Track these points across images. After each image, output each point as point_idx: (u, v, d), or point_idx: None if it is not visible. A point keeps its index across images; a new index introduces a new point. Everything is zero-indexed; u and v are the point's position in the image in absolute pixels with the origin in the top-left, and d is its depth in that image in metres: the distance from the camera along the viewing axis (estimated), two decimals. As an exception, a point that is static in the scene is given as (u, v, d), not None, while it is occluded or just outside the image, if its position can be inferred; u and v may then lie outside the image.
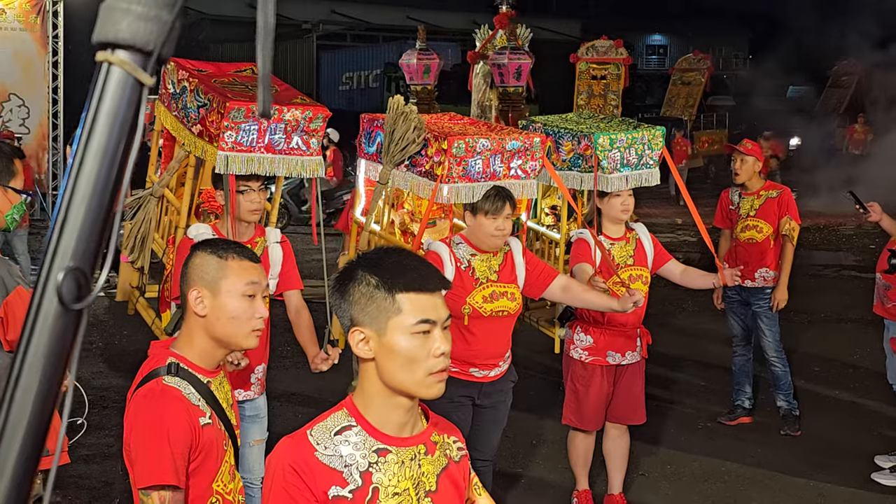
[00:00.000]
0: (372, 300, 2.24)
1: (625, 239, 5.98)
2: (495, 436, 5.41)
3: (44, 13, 17.82)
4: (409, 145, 5.95)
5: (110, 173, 0.89)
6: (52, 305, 0.87)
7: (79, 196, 0.88)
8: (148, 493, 2.80)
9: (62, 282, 0.86)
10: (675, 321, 10.87)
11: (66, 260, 0.87)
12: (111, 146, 0.89)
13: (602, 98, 15.79)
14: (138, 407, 2.89)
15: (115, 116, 0.89)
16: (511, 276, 5.23)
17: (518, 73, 13.80)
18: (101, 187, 0.88)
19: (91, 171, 0.88)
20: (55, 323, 0.87)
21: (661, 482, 6.81)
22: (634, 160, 6.33)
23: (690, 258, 13.63)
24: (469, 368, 5.15)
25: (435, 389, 2.29)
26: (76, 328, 0.89)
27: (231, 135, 5.37)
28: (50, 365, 0.88)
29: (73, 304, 0.87)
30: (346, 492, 2.23)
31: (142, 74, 0.89)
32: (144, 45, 0.89)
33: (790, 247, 7.52)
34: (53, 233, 0.88)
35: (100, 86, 0.90)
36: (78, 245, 0.87)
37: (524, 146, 5.94)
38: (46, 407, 0.89)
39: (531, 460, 7.09)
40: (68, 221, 0.87)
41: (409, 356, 2.23)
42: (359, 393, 2.33)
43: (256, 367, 5.10)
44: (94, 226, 0.88)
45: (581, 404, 5.98)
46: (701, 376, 9.24)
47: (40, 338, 0.87)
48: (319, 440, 2.26)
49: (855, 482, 6.79)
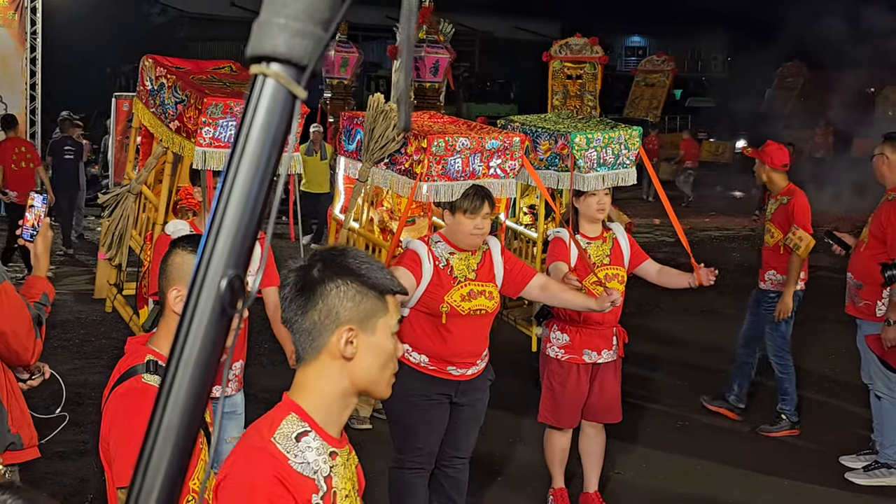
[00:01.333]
0: (366, 299, 2.24)
1: (601, 238, 6.00)
2: (472, 434, 5.42)
3: (22, 10, 17.72)
4: (388, 143, 5.96)
5: (262, 183, 0.92)
6: (209, 310, 0.91)
7: (233, 205, 0.91)
8: (125, 492, 2.79)
9: (225, 289, 0.90)
10: (651, 321, 10.92)
11: (222, 266, 0.90)
12: (263, 157, 0.92)
13: (579, 98, 15.20)
14: (118, 406, 2.88)
15: (269, 128, 0.92)
16: (489, 274, 5.24)
17: (435, 68, 13.41)
18: (254, 196, 0.91)
19: (244, 180, 0.91)
20: (212, 326, 0.91)
21: (637, 481, 6.84)
22: (611, 160, 6.36)
23: (668, 259, 13.69)
24: (446, 367, 5.16)
25: (390, 389, 2.35)
26: (228, 330, 0.93)
27: (209, 130, 5.37)
28: (205, 365, 0.92)
29: (232, 308, 0.92)
30: (319, 498, 2.21)
31: (296, 87, 0.92)
32: (300, 59, 0.91)
33: (794, 257, 7.41)
34: (209, 240, 0.91)
35: (255, 98, 0.92)
36: (232, 252, 0.91)
37: (504, 145, 5.96)
38: (200, 405, 0.93)
39: (508, 458, 7.11)
40: (223, 229, 0.91)
41: (390, 355, 2.29)
42: (306, 393, 2.28)
43: (234, 363, 5.10)
44: (247, 233, 0.91)
45: (557, 402, 6.00)
46: (677, 375, 9.29)
47: (196, 340, 0.91)
48: (287, 448, 2.20)
49: (830, 481, 6.84)
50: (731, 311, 11.96)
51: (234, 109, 5.37)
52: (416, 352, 5.16)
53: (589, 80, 15.16)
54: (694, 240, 7.73)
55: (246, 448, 2.23)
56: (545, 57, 15.59)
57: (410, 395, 5.15)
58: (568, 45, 15.49)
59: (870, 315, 6.81)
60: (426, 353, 5.15)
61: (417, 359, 5.16)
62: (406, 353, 5.18)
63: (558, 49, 15.53)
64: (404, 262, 5.08)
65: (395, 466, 5.33)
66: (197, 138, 5.37)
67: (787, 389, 7.75)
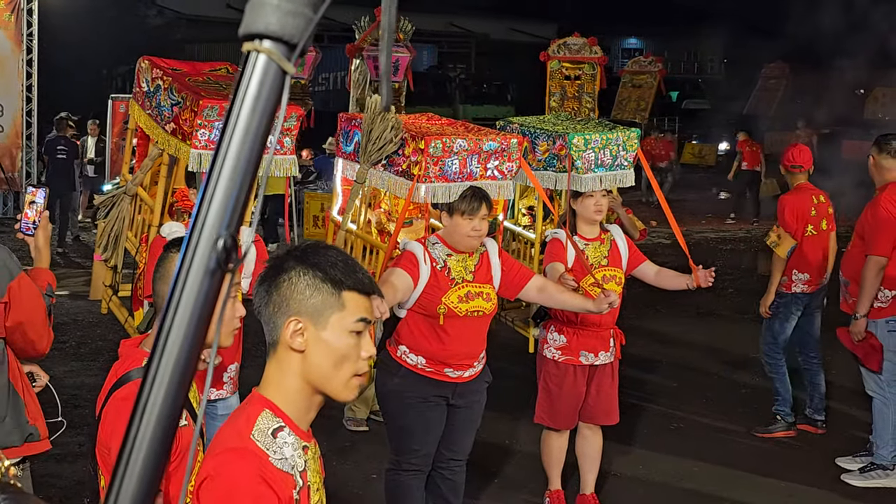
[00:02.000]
0: (318, 293, 2.23)
1: (599, 240, 6.00)
2: (469, 436, 5.41)
3: (18, 11, 17.71)
4: (386, 145, 5.95)
5: (253, 149, 0.98)
6: (203, 267, 0.96)
7: (226, 171, 0.97)
8: None
9: (221, 246, 0.96)
10: (648, 323, 10.91)
11: (216, 227, 0.96)
12: (253, 126, 0.98)
13: (577, 100, 14.64)
14: (119, 411, 2.85)
15: (259, 100, 0.98)
16: (487, 276, 5.24)
17: (395, 68, 13.05)
18: (245, 164, 0.98)
19: (236, 149, 0.97)
20: (206, 282, 0.97)
21: (634, 482, 6.83)
22: (609, 161, 6.36)
23: (665, 261, 13.69)
24: (444, 368, 5.15)
25: (353, 393, 2.31)
26: (219, 289, 0.99)
27: (204, 133, 5.36)
28: (198, 320, 0.98)
29: (226, 265, 0.97)
30: (296, 493, 2.22)
31: (286, 64, 0.98)
32: (291, 38, 0.97)
33: (774, 257, 7.57)
34: (202, 205, 0.97)
35: (248, 73, 0.98)
36: (226, 214, 0.97)
37: (501, 147, 5.95)
38: (192, 358, 0.98)
39: (504, 460, 7.10)
40: (217, 193, 0.97)
41: (343, 354, 2.24)
42: (274, 387, 2.27)
43: (229, 366, 5.09)
44: (239, 198, 0.97)
45: (554, 404, 5.99)
46: (673, 377, 9.29)
47: (189, 296, 0.97)
48: (267, 445, 2.20)
49: (827, 483, 6.84)
50: (728, 312, 12.00)
51: (230, 111, 5.37)
52: (414, 353, 5.15)
53: (588, 82, 14.61)
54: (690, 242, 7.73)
55: (226, 448, 2.22)
56: (543, 56, 15.06)
57: (407, 396, 5.15)
58: (566, 44, 14.99)
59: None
60: (423, 355, 5.14)
61: (415, 360, 5.15)
62: (403, 354, 5.17)
63: (556, 49, 15.01)
64: (401, 263, 5.08)
65: (392, 468, 5.32)
66: (192, 140, 5.36)
67: (777, 390, 7.75)
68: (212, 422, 4.89)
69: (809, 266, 7.48)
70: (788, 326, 7.65)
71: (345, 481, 6.31)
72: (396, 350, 5.20)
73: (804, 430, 7.75)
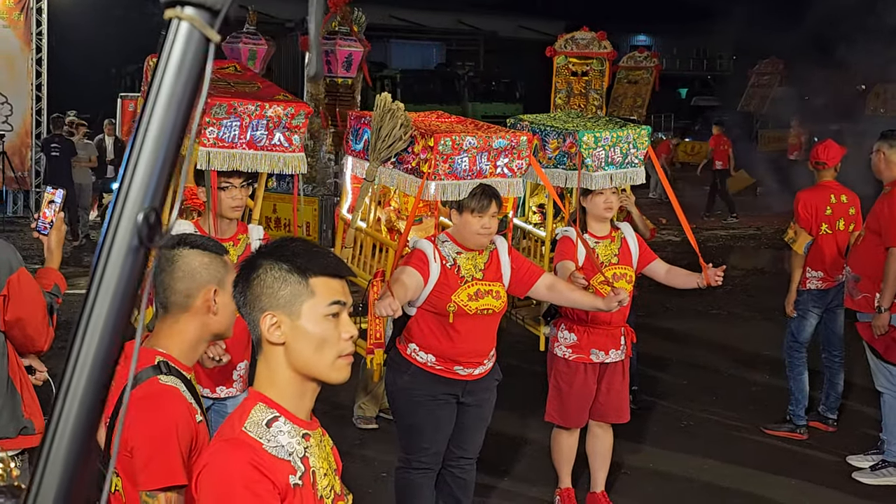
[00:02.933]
0: (286, 284, 2.28)
1: (609, 238, 5.99)
2: (479, 434, 5.40)
3: (27, 11, 17.75)
4: (395, 142, 5.93)
5: (177, 120, 0.94)
6: (126, 243, 0.93)
7: (149, 142, 0.93)
8: (154, 495, 2.78)
9: (142, 222, 0.93)
10: (658, 321, 10.89)
11: (139, 202, 0.93)
12: (177, 95, 0.94)
13: (584, 97, 13.90)
14: (139, 409, 2.84)
15: (182, 68, 0.95)
16: (496, 274, 5.23)
17: (348, 63, 12.44)
18: (169, 134, 0.94)
19: (160, 118, 0.94)
20: (129, 259, 0.94)
21: (644, 480, 6.82)
22: (619, 159, 6.33)
23: (675, 258, 13.66)
24: (453, 366, 5.14)
25: (343, 373, 2.34)
26: (144, 266, 0.95)
27: (213, 131, 5.34)
28: (122, 299, 0.95)
29: (149, 242, 0.94)
30: (297, 479, 2.26)
31: (209, 31, 0.95)
32: (213, 4, 0.94)
33: (792, 253, 7.60)
34: (125, 177, 0.93)
35: (169, 41, 0.95)
36: (149, 188, 0.93)
37: (511, 144, 5.93)
38: (117, 336, 0.95)
39: (515, 458, 7.09)
40: (139, 165, 0.93)
41: (322, 338, 2.28)
42: (267, 383, 2.33)
43: (239, 363, 5.08)
44: (163, 169, 0.94)
45: (564, 402, 5.98)
46: (684, 376, 9.27)
47: (113, 273, 0.94)
48: (259, 435, 2.26)
49: (837, 481, 6.82)
50: (739, 310, 11.97)
51: (237, 109, 5.34)
52: (423, 351, 5.15)
53: (595, 78, 13.81)
54: (699, 239, 7.70)
55: (221, 440, 2.29)
56: (549, 52, 14.31)
57: (417, 394, 5.14)
58: (574, 39, 14.22)
59: (868, 308, 6.84)
60: (433, 353, 5.13)
61: (424, 358, 5.14)
62: (413, 352, 5.17)
63: (564, 44, 14.24)
64: (412, 261, 5.07)
65: (402, 466, 5.32)
66: (200, 138, 5.35)
67: (791, 390, 7.72)
68: (221, 419, 4.88)
69: (823, 263, 7.45)
70: (807, 324, 7.62)
71: (354, 480, 6.31)
72: (406, 348, 5.20)
73: (815, 427, 7.72)
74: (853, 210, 7.52)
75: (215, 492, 2.22)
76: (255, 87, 5.93)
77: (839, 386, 7.78)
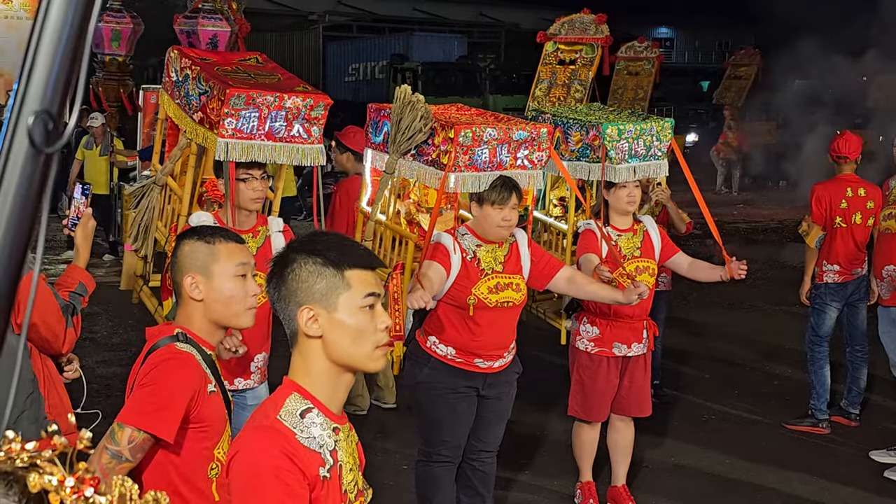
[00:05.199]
0: (321, 278, 2.30)
1: (632, 231, 5.96)
2: (500, 427, 5.38)
3: (49, 2, 17.82)
4: (415, 134, 5.92)
5: (75, 18, 0.89)
6: (22, 149, 0.89)
7: (45, 41, 0.89)
8: (123, 427, 2.89)
9: (32, 125, 0.88)
10: (680, 314, 10.84)
11: (34, 104, 0.88)
12: None
13: (565, 88, 11.84)
14: (151, 364, 2.98)
15: None
16: (516, 267, 5.20)
17: (213, 44, 11.12)
18: (67, 32, 0.89)
19: (57, 16, 0.89)
20: (25, 166, 0.90)
21: (665, 474, 6.79)
22: (643, 151, 6.30)
23: (697, 251, 13.60)
24: (474, 359, 5.13)
25: (380, 363, 2.39)
26: (46, 172, 0.91)
27: (231, 122, 5.33)
28: (21, 207, 0.91)
29: (44, 146, 0.89)
30: (325, 471, 2.29)
31: None
32: None
33: (805, 246, 7.61)
34: (21, 79, 0.89)
35: None
36: (46, 89, 0.88)
37: (531, 136, 5.91)
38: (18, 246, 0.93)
39: (535, 451, 7.07)
40: (36, 67, 0.88)
41: (359, 330, 2.31)
42: (302, 374, 2.36)
43: (257, 355, 5.08)
44: (61, 70, 0.89)
45: (587, 396, 5.95)
46: (706, 369, 9.23)
47: (10, 181, 0.90)
48: (293, 424, 2.28)
49: (859, 476, 6.77)
50: (761, 303, 11.91)
51: (256, 100, 5.33)
52: (444, 344, 5.13)
53: (582, 67, 11.90)
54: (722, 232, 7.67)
55: (253, 427, 2.33)
56: (540, 37, 12.49)
57: (437, 387, 5.13)
58: (572, 22, 12.51)
59: None
60: (453, 346, 5.11)
61: (444, 351, 5.12)
62: (433, 345, 5.15)
63: (559, 28, 12.52)
64: (436, 256, 5.06)
65: (423, 459, 5.30)
66: (220, 129, 5.34)
67: (812, 383, 7.67)
68: (241, 411, 4.86)
69: (838, 257, 7.39)
70: (827, 318, 7.56)
71: (375, 472, 6.30)
72: (426, 341, 5.18)
73: (837, 422, 7.67)
74: (871, 203, 7.42)
75: (246, 478, 2.25)
76: (276, 79, 5.92)
77: (861, 381, 7.71)
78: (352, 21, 44.66)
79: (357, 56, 40.68)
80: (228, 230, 3.24)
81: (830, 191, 7.43)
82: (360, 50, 40.86)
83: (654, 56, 18.27)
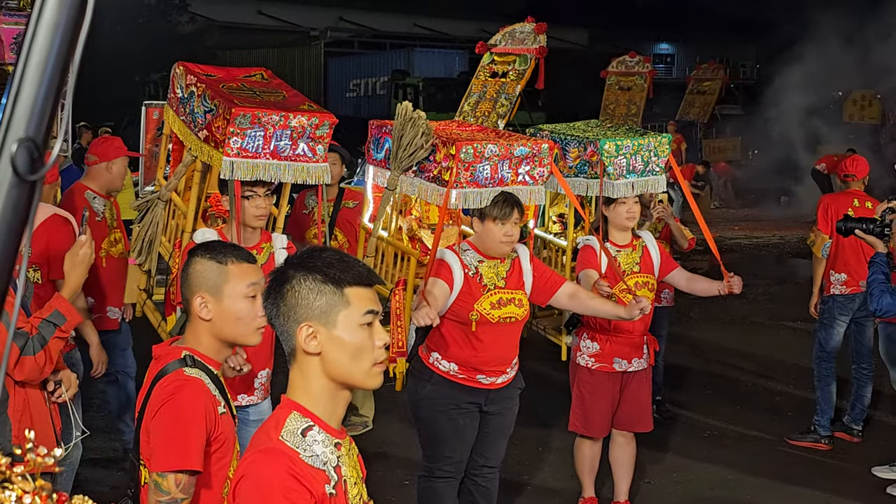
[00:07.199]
0: (321, 295, 2.30)
1: (631, 246, 5.98)
2: (502, 443, 5.40)
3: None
4: (417, 151, 5.95)
5: (61, 49, 0.90)
6: (6, 177, 0.89)
7: (31, 71, 0.89)
8: (164, 475, 2.89)
9: (16, 153, 0.88)
10: (682, 330, 10.85)
11: (19, 132, 0.88)
12: (62, 22, 0.90)
13: (492, 102, 11.26)
14: (162, 395, 2.98)
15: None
16: (518, 282, 5.23)
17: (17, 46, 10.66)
18: (53, 62, 0.89)
19: (42, 46, 0.89)
20: (9, 194, 0.89)
21: (667, 490, 6.79)
22: (640, 167, 6.33)
23: (696, 266, 13.61)
24: (476, 375, 5.14)
25: (378, 380, 2.38)
26: (30, 200, 0.91)
27: (236, 140, 5.36)
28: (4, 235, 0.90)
29: (27, 175, 0.89)
30: (332, 488, 2.29)
31: None
32: None
33: (813, 256, 7.76)
34: (6, 107, 0.89)
35: None
36: (31, 118, 0.88)
37: (532, 152, 5.93)
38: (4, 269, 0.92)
39: (537, 467, 7.08)
40: (21, 95, 0.88)
41: (358, 347, 2.31)
42: (301, 392, 2.35)
43: (260, 372, 5.10)
44: (46, 100, 0.89)
45: (587, 411, 5.97)
46: (707, 385, 9.24)
47: None
48: (296, 444, 2.28)
49: (862, 492, 6.77)
50: (762, 319, 11.92)
51: (262, 120, 5.36)
52: (446, 360, 5.15)
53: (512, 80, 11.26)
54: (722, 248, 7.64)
55: (258, 450, 2.31)
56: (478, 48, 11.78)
57: (440, 403, 5.14)
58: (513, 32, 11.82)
59: None
60: (455, 362, 5.13)
61: (447, 367, 5.15)
62: (435, 361, 5.17)
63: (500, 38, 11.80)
64: (440, 273, 5.08)
65: (425, 475, 5.32)
66: (225, 148, 5.36)
67: (817, 399, 7.67)
68: (244, 427, 4.89)
69: (846, 266, 7.46)
70: (835, 332, 7.58)
71: (377, 487, 6.31)
72: (429, 357, 5.20)
73: (840, 438, 7.68)
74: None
75: (254, 502, 2.24)
76: (281, 96, 5.95)
77: (866, 399, 7.73)
78: (353, 37, 44.79)
79: (358, 72, 40.80)
80: (241, 248, 3.25)
81: (838, 201, 7.61)
82: (362, 66, 40.98)
83: (646, 71, 17.92)
